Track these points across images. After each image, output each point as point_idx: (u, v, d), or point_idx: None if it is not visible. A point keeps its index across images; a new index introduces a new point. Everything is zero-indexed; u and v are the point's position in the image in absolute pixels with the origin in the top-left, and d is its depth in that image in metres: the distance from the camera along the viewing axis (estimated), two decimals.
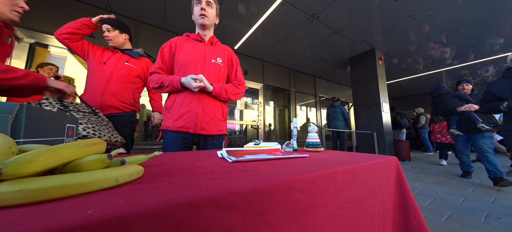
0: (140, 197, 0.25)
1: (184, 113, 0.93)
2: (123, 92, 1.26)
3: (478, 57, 4.55)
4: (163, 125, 0.97)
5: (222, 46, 1.14)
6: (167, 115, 0.97)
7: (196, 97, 0.95)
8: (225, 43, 4.52)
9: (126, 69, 1.28)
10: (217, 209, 0.27)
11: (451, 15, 3.09)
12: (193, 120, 0.93)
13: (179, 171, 0.42)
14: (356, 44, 3.93)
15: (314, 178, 0.40)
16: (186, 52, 1.00)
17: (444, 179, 2.43)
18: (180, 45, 1.02)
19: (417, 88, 7.21)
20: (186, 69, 0.97)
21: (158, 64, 1.00)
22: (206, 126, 0.96)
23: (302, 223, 0.37)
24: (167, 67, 1.01)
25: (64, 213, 0.19)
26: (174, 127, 0.93)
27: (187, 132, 0.94)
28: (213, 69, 1.02)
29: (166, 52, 1.01)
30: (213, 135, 1.01)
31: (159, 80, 0.95)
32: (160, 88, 0.96)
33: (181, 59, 0.98)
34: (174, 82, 0.92)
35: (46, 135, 0.49)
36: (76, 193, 0.25)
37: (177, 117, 0.93)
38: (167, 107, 0.98)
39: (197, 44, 1.04)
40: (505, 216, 1.36)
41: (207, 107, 0.97)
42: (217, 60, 1.05)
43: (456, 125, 2.46)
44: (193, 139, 0.98)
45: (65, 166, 0.29)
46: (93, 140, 0.33)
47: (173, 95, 0.98)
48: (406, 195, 0.57)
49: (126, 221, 0.21)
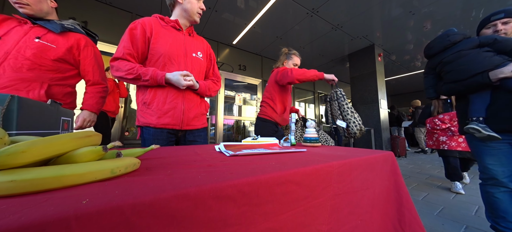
0: (136, 188, 0.25)
1: (169, 110, 0.88)
2: (25, 85, 0.82)
3: None
4: (142, 121, 0.89)
5: (199, 38, 1.07)
6: (146, 111, 0.88)
7: (181, 94, 0.90)
8: (223, 37, 4.44)
9: (36, 49, 0.84)
10: (214, 200, 0.27)
11: (452, 12, 3.07)
12: (180, 117, 0.90)
13: (176, 164, 0.42)
14: (355, 40, 3.91)
15: (311, 172, 0.40)
16: (165, 42, 0.89)
17: (438, 175, 2.48)
18: (156, 31, 0.89)
19: (415, 85, 7.25)
20: (167, 62, 0.89)
21: (127, 48, 0.83)
22: (191, 121, 0.95)
23: (294, 212, 0.38)
24: (138, 53, 0.86)
25: (57, 203, 0.19)
26: (159, 124, 0.87)
27: (173, 129, 0.91)
28: (195, 64, 0.97)
29: (139, 36, 0.85)
30: (199, 128, 1.01)
31: (134, 71, 0.81)
32: (135, 80, 0.82)
33: (161, 49, 0.88)
34: (157, 77, 0.83)
35: (40, 128, 0.48)
36: (70, 184, 0.24)
37: (161, 114, 0.87)
38: (146, 102, 0.88)
39: (175, 33, 0.94)
40: None
41: (191, 103, 0.95)
42: (197, 54, 1.00)
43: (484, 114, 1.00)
44: (177, 134, 0.96)
45: (59, 158, 0.28)
46: (87, 131, 0.33)
47: (152, 89, 0.87)
48: (401, 189, 0.58)
49: (122, 211, 0.21)
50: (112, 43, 2.89)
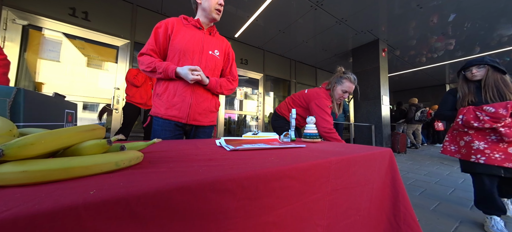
0: (140, 180, 0.26)
1: (177, 102, 0.92)
2: None
3: (484, 50, 4.46)
4: (153, 111, 0.96)
5: (220, 38, 1.11)
6: (158, 101, 0.94)
7: (190, 88, 0.93)
8: (225, 30, 4.38)
9: None
10: (214, 193, 0.29)
11: (461, 5, 2.98)
12: (186, 111, 0.93)
13: (178, 158, 0.43)
14: (359, 34, 3.83)
15: (308, 167, 0.41)
16: (183, 39, 0.95)
17: (436, 171, 2.49)
18: (177, 29, 0.96)
19: (418, 81, 7.15)
20: (182, 57, 0.94)
21: (151, 45, 0.93)
22: (198, 117, 0.97)
23: (293, 207, 0.39)
24: (160, 49, 0.95)
25: (67, 193, 0.20)
26: (166, 115, 0.92)
27: (179, 121, 0.94)
28: (210, 61, 1.00)
29: (161, 34, 0.94)
30: (204, 125, 1.02)
31: (152, 64, 0.90)
32: (152, 72, 0.91)
33: (178, 45, 0.94)
34: (168, 70, 0.88)
35: (46, 120, 0.49)
36: (77, 175, 0.26)
37: (169, 106, 0.92)
38: (158, 94, 0.94)
39: (195, 31, 1.00)
40: None
41: (200, 98, 0.97)
42: (214, 52, 1.02)
43: None
44: (185, 128, 0.99)
45: (66, 150, 0.29)
46: (93, 125, 0.34)
47: (165, 82, 0.94)
48: (398, 185, 0.59)
49: (127, 202, 0.22)
50: (113, 34, 2.87)
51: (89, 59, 2.78)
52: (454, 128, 1.30)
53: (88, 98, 2.72)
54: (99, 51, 2.85)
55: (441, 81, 7.18)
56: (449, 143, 1.34)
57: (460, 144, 1.26)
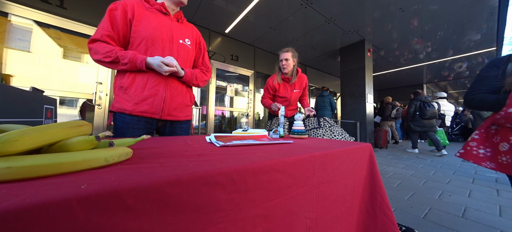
0: (131, 175, 0.27)
1: (148, 97, 0.82)
2: None
3: (456, 53, 4.85)
4: (116, 107, 0.83)
5: (189, 25, 1.01)
6: (123, 96, 0.82)
7: (163, 80, 0.84)
8: (215, 25, 4.27)
9: None
10: (204, 186, 0.30)
11: (437, 10, 3.20)
12: (160, 105, 0.85)
13: (168, 153, 0.44)
14: (347, 34, 3.96)
15: (294, 161, 0.44)
16: (149, 25, 0.83)
17: (412, 164, 2.71)
18: (139, 13, 0.83)
19: (399, 81, 7.60)
20: (150, 46, 0.83)
21: (106, 30, 0.78)
22: (173, 112, 0.90)
23: (281, 200, 0.42)
24: (119, 36, 0.81)
25: (58, 188, 0.21)
26: (135, 111, 0.82)
27: (151, 118, 0.86)
28: (182, 51, 0.92)
29: (119, 17, 0.79)
30: (181, 120, 0.96)
31: (112, 54, 0.76)
32: (113, 63, 0.78)
33: (143, 33, 0.82)
34: (136, 61, 0.77)
35: (23, 116, 0.47)
36: (65, 171, 0.26)
37: (138, 100, 0.82)
38: (123, 87, 0.82)
39: (161, 17, 0.88)
40: (454, 194, 1.64)
41: (175, 92, 0.89)
42: (185, 41, 0.94)
43: None
44: (157, 124, 0.91)
45: (50, 147, 0.29)
46: (79, 121, 0.33)
47: (132, 74, 0.82)
48: (375, 176, 0.65)
49: (119, 195, 0.23)
50: (92, 24, 2.68)
51: (66, 50, 2.58)
52: (495, 121, 0.82)
53: (66, 93, 2.53)
54: (78, 42, 2.65)
55: (419, 81, 7.71)
56: (478, 145, 0.88)
57: (501, 148, 0.81)
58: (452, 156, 3.41)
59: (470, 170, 2.46)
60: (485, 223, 1.16)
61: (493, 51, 4.61)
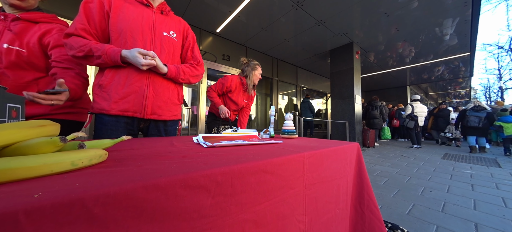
0: (100, 180, 0.24)
1: (129, 94, 0.75)
2: None
3: (436, 57, 5.17)
4: (95, 107, 0.76)
5: (175, 17, 0.93)
6: (100, 94, 0.75)
7: (145, 76, 0.77)
8: (206, 24, 4.19)
9: None
10: (185, 190, 0.28)
11: (418, 16, 3.39)
12: (141, 103, 0.77)
13: (148, 155, 0.41)
14: (336, 36, 4.07)
15: (283, 162, 0.43)
16: (127, 17, 0.76)
17: (398, 163, 2.84)
18: (116, 4, 0.76)
19: (385, 82, 7.96)
20: (128, 39, 0.75)
21: (81, 23, 0.71)
22: (158, 110, 0.81)
23: (271, 203, 0.40)
24: (96, 30, 0.74)
25: (5, 198, 0.18)
26: (114, 111, 0.74)
27: (131, 117, 0.78)
28: (166, 44, 0.83)
29: (95, 10, 0.73)
30: (166, 120, 0.87)
31: (85, 47, 0.68)
32: (86, 58, 0.70)
33: (121, 25, 0.75)
34: (110, 53, 0.69)
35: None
36: (19, 178, 0.22)
37: (117, 98, 0.74)
38: (101, 85, 0.75)
39: (143, 8, 0.81)
40: (435, 189, 1.73)
41: (160, 88, 0.81)
42: (170, 33, 0.85)
43: None
44: (139, 125, 0.82)
45: (3, 149, 0.25)
46: (41, 121, 0.30)
47: (110, 70, 0.75)
48: (363, 175, 0.66)
49: (83, 204, 0.20)
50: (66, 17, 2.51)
51: None
52: None
53: None
54: None
55: (404, 83, 8.13)
56: None
57: None
58: (432, 153, 3.70)
59: (449, 167, 2.62)
60: (462, 216, 1.24)
61: (466, 56, 4.98)
